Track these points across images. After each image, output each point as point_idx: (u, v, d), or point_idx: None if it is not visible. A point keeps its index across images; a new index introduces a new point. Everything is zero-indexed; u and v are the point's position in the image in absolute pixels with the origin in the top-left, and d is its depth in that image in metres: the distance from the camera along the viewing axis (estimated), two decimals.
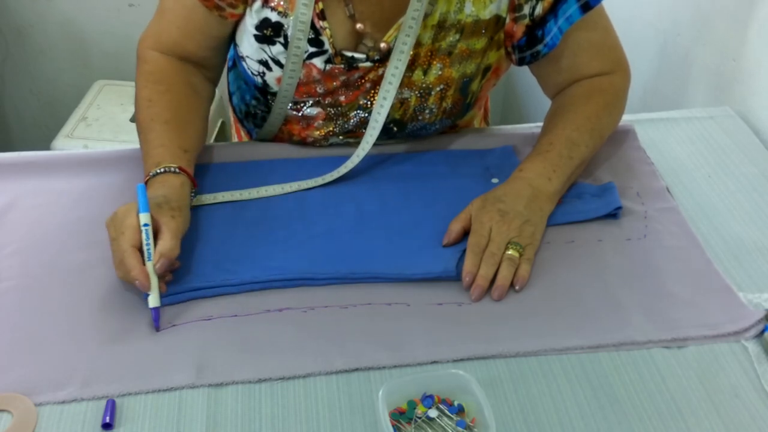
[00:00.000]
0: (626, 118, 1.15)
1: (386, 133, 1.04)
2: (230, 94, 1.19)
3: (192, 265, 0.88)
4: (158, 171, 0.90)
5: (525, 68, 1.05)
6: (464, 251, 0.90)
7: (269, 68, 0.99)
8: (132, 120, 1.86)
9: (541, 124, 1.10)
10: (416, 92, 1.00)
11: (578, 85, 1.04)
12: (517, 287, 0.87)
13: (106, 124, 1.86)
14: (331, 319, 0.83)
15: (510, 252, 0.88)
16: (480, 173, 1.04)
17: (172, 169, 0.91)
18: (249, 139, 1.17)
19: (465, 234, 0.92)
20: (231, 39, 1.04)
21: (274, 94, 1.02)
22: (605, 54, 1.04)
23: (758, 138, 1.12)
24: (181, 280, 0.85)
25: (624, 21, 1.58)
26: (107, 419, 0.73)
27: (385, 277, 0.87)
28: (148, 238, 0.82)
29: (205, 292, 0.85)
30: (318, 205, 0.98)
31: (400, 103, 1.00)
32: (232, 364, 0.78)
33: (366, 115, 1.02)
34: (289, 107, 1.03)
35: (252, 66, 1.01)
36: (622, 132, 1.11)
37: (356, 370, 0.78)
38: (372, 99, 1.01)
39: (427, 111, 1.01)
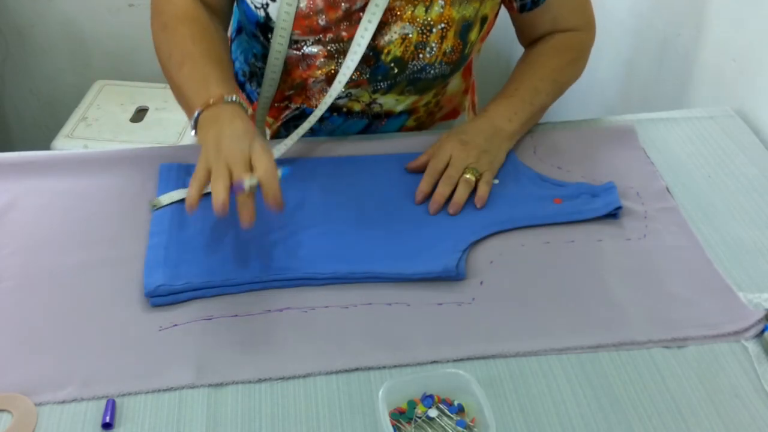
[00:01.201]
0: (626, 118, 1.15)
1: (387, 77, 1.05)
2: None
3: (192, 265, 0.88)
4: (230, 99, 0.91)
5: None
6: (464, 251, 0.90)
7: None
8: (132, 120, 1.87)
9: (539, 124, 1.12)
10: (417, 28, 1.01)
11: (551, 38, 1.12)
12: (478, 205, 0.96)
13: (106, 124, 1.86)
14: (331, 319, 0.83)
15: (467, 176, 0.97)
16: None
17: (240, 102, 0.93)
18: (249, 104, 1.17)
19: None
20: None
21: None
22: (582, 11, 1.13)
23: (758, 138, 1.12)
24: (181, 280, 0.85)
25: (624, 21, 1.58)
26: (107, 419, 0.73)
27: (385, 277, 0.87)
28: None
29: (205, 292, 0.85)
30: (318, 205, 0.98)
31: (402, 39, 1.01)
32: (232, 364, 0.78)
33: (368, 52, 1.02)
34: (289, 47, 1.04)
35: None
36: (622, 132, 1.11)
37: (356, 370, 0.78)
38: (374, 34, 1.02)
39: (427, 49, 1.02)
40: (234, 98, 0.92)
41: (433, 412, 0.73)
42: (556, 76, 1.10)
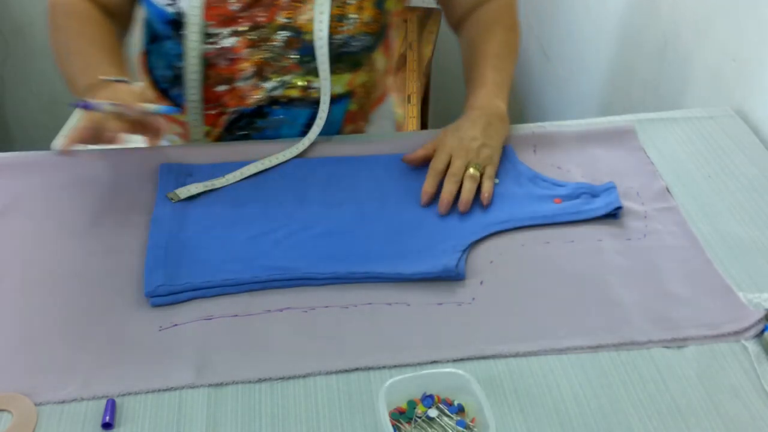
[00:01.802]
0: (626, 118, 1.15)
1: (314, 57, 1.05)
2: (150, 72, 1.17)
3: (192, 265, 0.88)
4: (112, 80, 0.95)
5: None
6: (464, 251, 0.90)
7: None
8: None
9: (539, 124, 1.12)
10: (334, 3, 1.03)
11: (476, 18, 1.16)
12: (485, 202, 0.97)
13: None
14: (331, 319, 0.83)
15: (471, 171, 0.98)
16: None
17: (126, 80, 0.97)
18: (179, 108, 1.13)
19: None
20: None
21: None
22: None
23: (758, 138, 1.12)
24: (181, 280, 0.85)
25: (624, 21, 1.57)
26: (107, 419, 0.73)
27: (385, 277, 0.87)
28: None
29: (205, 292, 0.85)
30: (318, 205, 0.98)
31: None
32: (232, 364, 0.78)
33: (293, 35, 1.03)
34: (204, 42, 1.03)
35: None
36: (622, 132, 1.11)
37: (356, 370, 0.78)
38: (293, 14, 1.03)
39: (346, 22, 1.04)
40: (116, 78, 0.95)
41: (433, 412, 0.73)
42: (505, 44, 1.13)
